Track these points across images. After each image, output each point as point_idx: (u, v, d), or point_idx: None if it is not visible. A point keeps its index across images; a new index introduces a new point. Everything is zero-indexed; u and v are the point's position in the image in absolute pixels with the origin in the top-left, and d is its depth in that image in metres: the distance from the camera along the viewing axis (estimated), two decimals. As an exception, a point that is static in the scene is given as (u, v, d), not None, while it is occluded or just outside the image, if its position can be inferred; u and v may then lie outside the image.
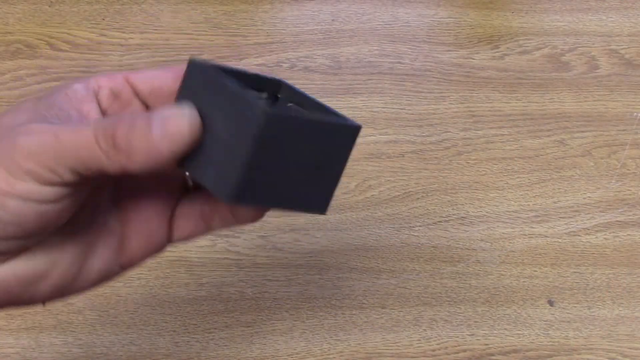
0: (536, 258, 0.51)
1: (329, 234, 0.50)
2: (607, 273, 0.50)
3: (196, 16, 0.61)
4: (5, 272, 0.25)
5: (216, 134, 0.23)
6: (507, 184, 0.54)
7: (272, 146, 0.22)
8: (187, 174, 0.27)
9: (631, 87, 0.59)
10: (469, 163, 0.54)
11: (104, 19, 0.60)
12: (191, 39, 0.59)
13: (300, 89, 0.27)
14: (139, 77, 0.26)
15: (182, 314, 0.47)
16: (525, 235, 0.51)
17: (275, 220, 0.51)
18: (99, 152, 0.22)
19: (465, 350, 0.47)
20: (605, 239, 0.52)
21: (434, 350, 0.47)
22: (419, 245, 0.51)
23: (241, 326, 0.47)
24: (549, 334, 0.48)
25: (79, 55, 0.58)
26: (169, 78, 0.26)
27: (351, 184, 0.53)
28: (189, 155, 0.23)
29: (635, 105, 0.58)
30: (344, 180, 0.53)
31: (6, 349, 0.45)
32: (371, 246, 0.50)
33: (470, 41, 0.61)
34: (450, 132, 0.56)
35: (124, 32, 0.59)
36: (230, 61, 0.58)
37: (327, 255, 0.50)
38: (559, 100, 0.58)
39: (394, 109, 0.57)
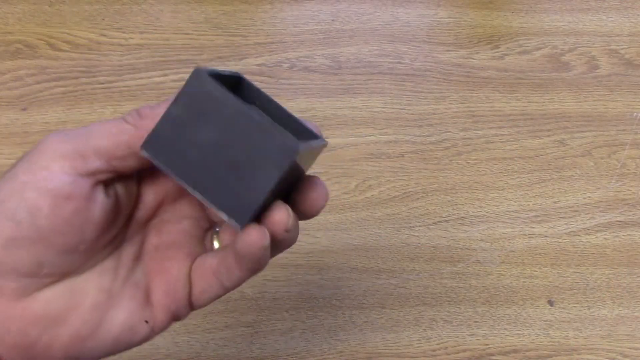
0: (536, 258, 0.51)
1: (329, 234, 0.50)
2: (607, 273, 0.50)
3: (196, 16, 0.61)
4: (26, 307, 0.25)
5: (216, 148, 0.24)
6: (507, 184, 0.54)
7: (288, 173, 0.24)
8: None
9: (631, 87, 0.59)
10: (469, 163, 0.54)
11: (104, 19, 0.60)
12: (191, 39, 0.59)
13: (259, 87, 0.28)
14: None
15: (182, 314, 0.47)
16: (525, 235, 0.51)
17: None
18: (127, 125, 0.25)
19: (465, 350, 0.47)
20: (605, 239, 0.52)
21: (434, 350, 0.47)
22: (419, 245, 0.51)
23: (241, 326, 0.47)
24: (549, 334, 0.48)
25: (79, 55, 0.58)
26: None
27: (351, 184, 0.53)
28: (172, 154, 0.24)
29: (635, 105, 0.58)
30: (344, 180, 0.53)
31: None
32: (371, 246, 0.50)
33: (470, 41, 0.61)
34: (450, 132, 0.56)
35: (124, 32, 0.59)
36: (230, 61, 0.58)
37: (327, 255, 0.50)
38: (559, 100, 0.58)
39: (394, 109, 0.57)
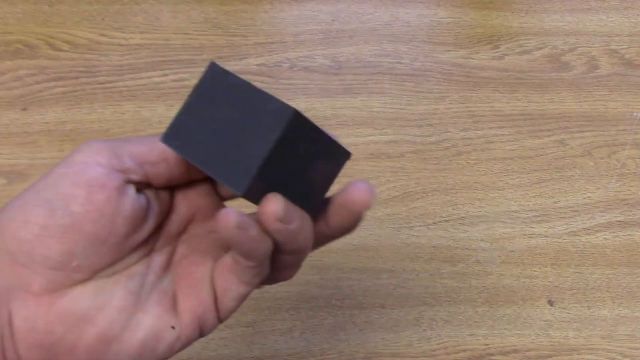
0: (536, 258, 0.51)
1: (329, 234, 0.50)
2: (607, 273, 0.50)
3: (196, 16, 0.60)
4: (53, 303, 0.25)
5: (224, 125, 0.24)
6: (507, 184, 0.54)
7: (290, 144, 0.24)
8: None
9: (631, 87, 0.59)
10: (469, 163, 0.54)
11: (104, 19, 0.60)
12: (191, 39, 0.59)
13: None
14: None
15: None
16: (525, 235, 0.51)
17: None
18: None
19: (465, 350, 0.47)
20: (605, 239, 0.52)
21: (434, 350, 0.47)
22: (419, 245, 0.51)
23: (241, 326, 0.47)
24: (549, 334, 0.48)
25: (79, 55, 0.58)
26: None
27: (351, 184, 0.53)
28: (191, 142, 0.25)
29: (635, 105, 0.58)
30: (344, 181, 0.53)
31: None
32: (371, 246, 0.50)
33: (470, 41, 0.61)
34: (450, 132, 0.56)
35: (124, 32, 0.59)
36: (230, 61, 0.58)
37: (327, 255, 0.50)
38: (559, 100, 0.58)
39: (394, 109, 0.57)
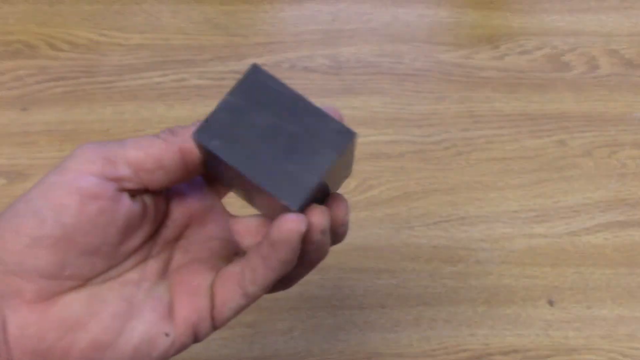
0: (536, 258, 0.51)
1: (329, 234, 0.50)
2: (607, 273, 0.50)
3: (196, 16, 0.61)
4: (45, 310, 0.25)
5: (271, 133, 0.25)
6: (507, 184, 0.54)
7: (338, 163, 0.26)
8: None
9: (631, 87, 0.59)
10: (469, 163, 0.54)
11: (104, 19, 0.60)
12: (191, 39, 0.59)
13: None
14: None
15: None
16: (525, 235, 0.51)
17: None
18: (158, 140, 0.26)
19: (465, 350, 0.47)
20: (605, 239, 0.52)
21: (434, 350, 0.47)
22: (419, 245, 0.51)
23: (241, 326, 0.47)
24: (548, 334, 0.48)
25: (79, 55, 0.58)
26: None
27: (351, 184, 0.53)
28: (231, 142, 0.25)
29: (635, 105, 0.58)
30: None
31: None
32: (371, 246, 0.50)
33: (470, 41, 0.61)
34: (450, 132, 0.56)
35: (124, 32, 0.59)
36: (230, 61, 0.58)
37: (327, 255, 0.50)
38: (559, 100, 0.58)
39: (394, 109, 0.57)
